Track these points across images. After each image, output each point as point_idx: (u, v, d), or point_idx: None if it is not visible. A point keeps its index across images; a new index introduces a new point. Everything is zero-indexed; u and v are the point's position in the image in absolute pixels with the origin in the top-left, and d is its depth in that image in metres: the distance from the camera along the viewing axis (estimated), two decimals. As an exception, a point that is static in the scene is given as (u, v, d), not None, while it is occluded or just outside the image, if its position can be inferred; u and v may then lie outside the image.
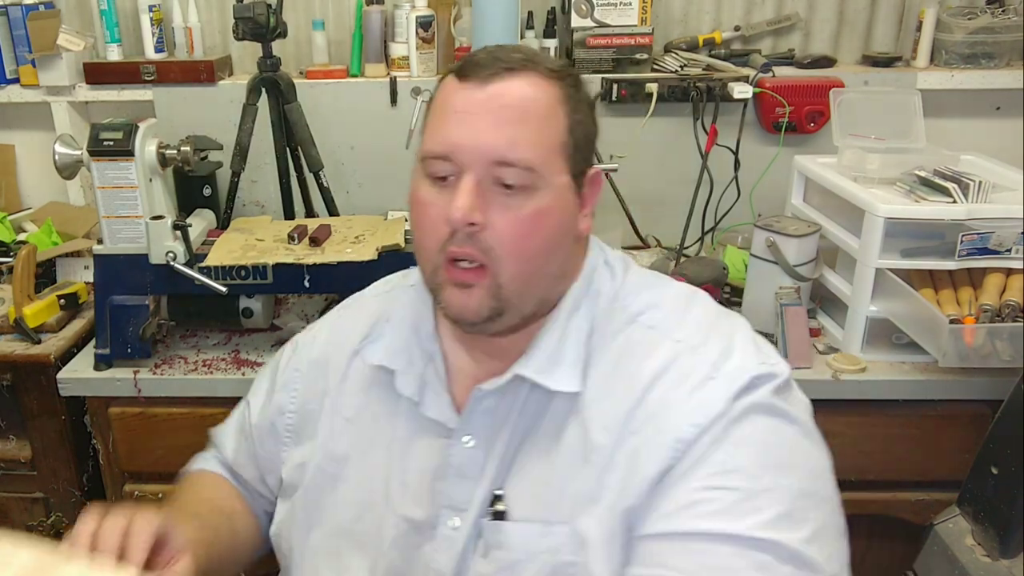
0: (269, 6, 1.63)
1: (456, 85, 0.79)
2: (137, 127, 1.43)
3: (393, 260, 1.49)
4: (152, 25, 1.95)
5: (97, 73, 1.95)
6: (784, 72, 1.91)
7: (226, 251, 1.51)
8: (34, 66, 1.95)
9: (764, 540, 0.70)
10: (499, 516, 0.81)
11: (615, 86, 1.86)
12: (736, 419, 0.75)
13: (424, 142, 0.81)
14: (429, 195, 0.80)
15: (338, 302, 1.76)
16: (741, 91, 1.80)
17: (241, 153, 1.70)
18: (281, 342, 1.62)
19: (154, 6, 1.94)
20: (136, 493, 1.60)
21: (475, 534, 0.82)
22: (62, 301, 1.65)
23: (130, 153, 1.41)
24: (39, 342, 1.58)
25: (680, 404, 0.77)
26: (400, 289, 0.98)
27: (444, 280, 0.80)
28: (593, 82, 1.87)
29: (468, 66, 0.79)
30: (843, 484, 0.80)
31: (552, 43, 1.93)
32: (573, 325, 0.84)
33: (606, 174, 1.30)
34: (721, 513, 0.72)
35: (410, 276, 0.98)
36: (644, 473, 0.76)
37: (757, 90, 1.84)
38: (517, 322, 0.83)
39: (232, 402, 1.53)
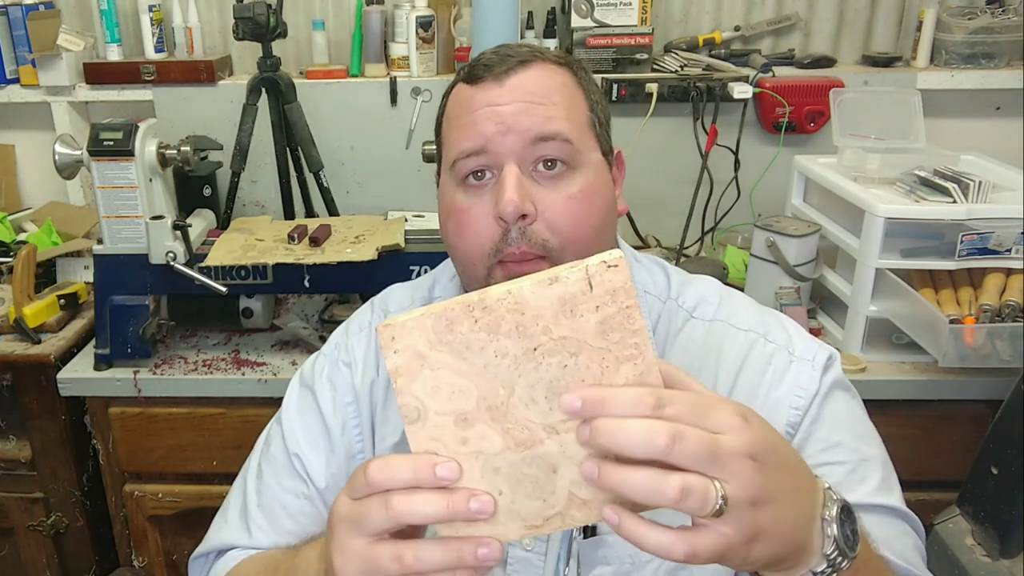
0: (269, 6, 1.63)
1: (470, 90, 0.77)
2: (137, 127, 1.43)
3: (393, 260, 1.49)
4: (152, 25, 1.95)
5: (97, 73, 1.95)
6: (784, 72, 1.91)
7: (226, 251, 1.50)
8: (34, 66, 1.95)
9: (876, 505, 0.76)
10: (590, 532, 0.78)
11: (615, 86, 1.85)
12: (825, 396, 0.79)
13: (450, 149, 0.78)
14: (467, 201, 0.76)
15: (338, 302, 1.79)
16: (741, 91, 1.79)
17: (241, 153, 1.70)
18: (281, 342, 1.63)
19: (154, 6, 1.94)
20: (136, 493, 1.60)
21: (564, 556, 0.79)
22: (62, 301, 1.65)
23: (130, 153, 1.42)
24: (39, 342, 1.58)
25: (774, 389, 0.79)
26: (422, 304, 0.90)
27: (500, 279, 0.75)
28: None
29: (477, 69, 0.78)
30: (843, 484, 0.80)
31: (552, 43, 1.93)
32: None
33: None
34: (835, 487, 0.75)
35: (433, 289, 0.93)
36: None
37: (757, 90, 1.84)
38: None
39: (232, 402, 1.55)
